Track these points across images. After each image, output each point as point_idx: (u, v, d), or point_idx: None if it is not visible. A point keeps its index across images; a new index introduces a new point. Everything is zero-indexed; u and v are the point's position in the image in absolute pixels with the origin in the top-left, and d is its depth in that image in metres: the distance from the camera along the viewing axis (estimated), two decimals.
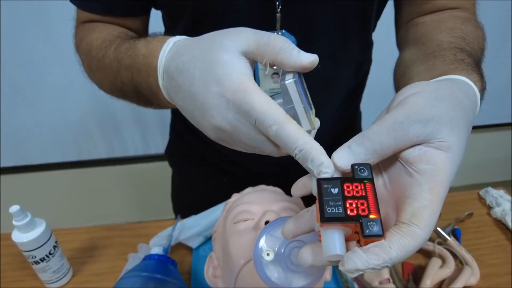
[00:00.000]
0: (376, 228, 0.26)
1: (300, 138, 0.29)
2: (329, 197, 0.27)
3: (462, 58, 0.41)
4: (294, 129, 0.29)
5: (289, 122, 0.30)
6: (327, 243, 0.28)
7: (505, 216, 0.72)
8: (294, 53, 0.31)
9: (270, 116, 0.29)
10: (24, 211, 0.58)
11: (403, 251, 0.26)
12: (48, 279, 0.63)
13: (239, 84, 0.30)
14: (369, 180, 0.28)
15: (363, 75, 0.72)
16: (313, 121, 0.33)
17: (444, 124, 0.29)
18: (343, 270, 0.26)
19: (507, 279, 0.63)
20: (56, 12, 1.29)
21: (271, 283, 0.35)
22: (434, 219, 0.27)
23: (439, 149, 0.29)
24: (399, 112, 0.29)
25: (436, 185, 0.28)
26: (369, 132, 0.29)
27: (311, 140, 0.29)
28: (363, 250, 0.26)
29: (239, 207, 0.54)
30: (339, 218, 0.27)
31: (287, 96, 0.32)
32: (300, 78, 0.33)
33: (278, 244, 0.36)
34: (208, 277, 0.56)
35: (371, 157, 0.29)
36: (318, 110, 0.67)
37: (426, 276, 0.60)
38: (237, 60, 0.32)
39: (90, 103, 1.51)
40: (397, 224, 0.28)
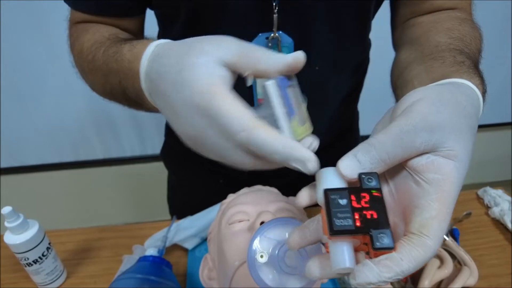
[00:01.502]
0: (387, 240, 0.26)
1: (274, 141, 0.28)
2: (338, 209, 0.27)
3: (462, 60, 0.40)
4: (265, 133, 0.28)
5: (260, 127, 0.28)
6: (336, 256, 0.27)
7: (504, 216, 0.71)
8: (273, 56, 0.30)
9: (237, 122, 0.28)
10: (17, 212, 0.57)
11: (414, 263, 0.26)
12: (42, 281, 0.62)
13: (209, 86, 0.29)
14: (377, 190, 0.27)
15: (361, 75, 0.72)
16: (299, 131, 0.30)
17: (450, 132, 0.29)
18: (354, 284, 0.26)
19: (506, 279, 0.62)
20: (53, 14, 1.28)
21: (265, 285, 0.35)
22: (443, 229, 0.27)
23: (447, 157, 0.28)
24: (405, 121, 0.29)
25: (445, 195, 0.27)
26: (375, 141, 0.28)
27: (286, 140, 0.28)
28: (374, 263, 0.26)
29: (234, 208, 0.53)
30: (349, 231, 0.26)
31: (267, 100, 0.30)
32: (288, 83, 0.31)
33: (272, 246, 0.36)
34: (203, 279, 0.55)
35: (377, 166, 0.28)
36: (317, 111, 0.67)
37: (424, 277, 0.59)
38: (212, 64, 0.30)
39: (87, 104, 1.50)
40: (406, 235, 0.27)
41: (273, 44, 0.55)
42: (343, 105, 0.70)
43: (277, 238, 0.36)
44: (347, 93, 0.69)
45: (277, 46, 0.56)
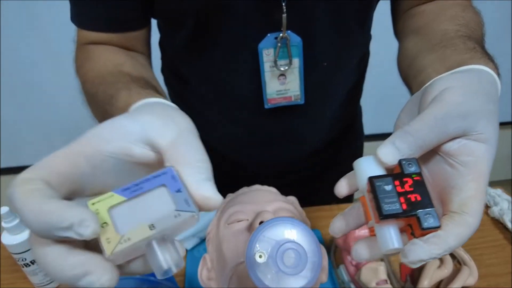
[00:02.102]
0: (433, 220, 0.28)
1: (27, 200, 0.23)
2: (384, 195, 0.28)
3: (473, 46, 0.41)
4: (25, 194, 0.23)
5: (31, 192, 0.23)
6: (384, 238, 0.29)
7: (503, 215, 0.71)
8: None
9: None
10: (13, 213, 0.57)
11: (459, 239, 0.28)
12: (39, 282, 0.62)
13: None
14: (417, 174, 0.29)
15: (363, 68, 0.73)
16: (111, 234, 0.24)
17: (481, 117, 0.30)
18: (406, 262, 0.28)
19: (505, 279, 0.62)
20: (49, 14, 1.28)
21: (264, 285, 0.34)
22: (482, 208, 0.29)
23: (478, 141, 0.30)
24: (438, 108, 0.30)
25: (480, 175, 0.29)
26: (411, 128, 0.30)
27: (51, 205, 0.22)
28: (423, 241, 0.28)
29: (233, 207, 0.53)
30: (397, 214, 0.28)
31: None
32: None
33: (271, 246, 0.35)
34: (201, 279, 0.55)
35: (415, 152, 0.30)
36: (324, 106, 0.67)
37: (424, 277, 0.59)
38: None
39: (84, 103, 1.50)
40: (446, 214, 0.29)
41: (282, 44, 0.56)
42: (347, 99, 0.71)
43: (276, 238, 0.36)
44: (351, 87, 0.70)
45: (286, 46, 0.56)
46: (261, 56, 0.57)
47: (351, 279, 0.61)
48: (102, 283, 0.22)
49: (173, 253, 0.25)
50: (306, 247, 0.35)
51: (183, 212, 0.25)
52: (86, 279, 0.22)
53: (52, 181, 0.24)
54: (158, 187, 0.26)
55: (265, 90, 0.61)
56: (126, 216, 0.25)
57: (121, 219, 0.24)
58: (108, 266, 0.23)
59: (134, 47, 0.58)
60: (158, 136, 0.27)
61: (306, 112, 0.66)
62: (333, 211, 0.76)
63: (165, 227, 0.24)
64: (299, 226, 0.37)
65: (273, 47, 0.56)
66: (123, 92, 0.42)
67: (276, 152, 0.71)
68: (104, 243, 0.23)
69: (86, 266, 0.22)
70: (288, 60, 0.58)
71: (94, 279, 0.22)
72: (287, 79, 0.60)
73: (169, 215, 0.25)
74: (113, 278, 0.23)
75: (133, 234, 0.24)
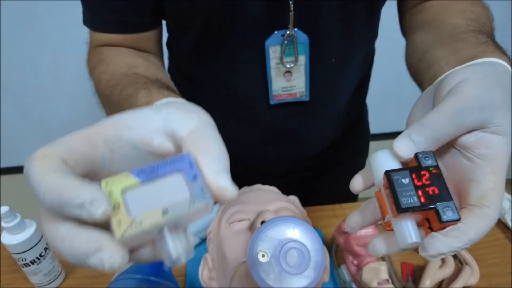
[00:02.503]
0: (452, 213, 0.27)
1: (43, 176, 0.23)
2: (402, 188, 0.28)
3: (485, 40, 0.41)
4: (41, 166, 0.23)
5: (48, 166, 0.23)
6: (402, 232, 0.28)
7: (504, 215, 0.71)
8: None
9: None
10: (13, 213, 0.56)
11: (479, 232, 0.27)
12: (39, 282, 0.62)
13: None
14: (435, 167, 0.29)
15: (369, 65, 0.73)
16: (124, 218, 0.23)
17: (498, 109, 0.30)
18: (426, 255, 0.27)
19: (507, 278, 0.62)
20: (49, 14, 1.28)
21: (267, 285, 0.34)
22: (501, 200, 0.29)
23: (495, 133, 0.30)
24: (456, 101, 0.30)
25: (498, 167, 0.29)
26: (427, 121, 0.29)
27: (65, 182, 0.22)
28: (443, 235, 0.27)
29: (234, 207, 0.52)
30: (416, 207, 0.27)
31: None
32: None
33: (274, 245, 0.35)
34: (202, 279, 0.55)
35: (431, 145, 0.29)
36: (331, 103, 0.67)
37: (426, 277, 0.59)
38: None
39: (84, 104, 1.50)
40: (465, 207, 0.29)
41: (289, 41, 0.56)
42: (353, 97, 0.71)
43: (279, 237, 0.35)
44: (357, 85, 0.70)
45: (293, 43, 0.57)
46: (268, 53, 0.58)
47: (353, 279, 0.61)
48: (113, 262, 0.21)
49: (184, 242, 0.24)
50: (309, 246, 0.35)
51: (198, 200, 0.24)
52: (97, 256, 0.21)
53: (68, 159, 0.24)
54: (174, 173, 0.25)
55: (270, 86, 0.61)
56: (140, 199, 0.24)
57: (134, 202, 0.24)
58: (120, 245, 0.22)
59: (146, 48, 0.58)
60: (179, 126, 0.27)
61: (312, 109, 0.66)
62: (336, 210, 0.76)
63: (179, 214, 0.24)
64: (302, 225, 0.37)
65: (280, 44, 0.57)
66: (143, 92, 0.42)
67: (282, 150, 0.71)
68: (115, 225, 0.23)
69: (98, 242, 0.22)
70: (294, 57, 0.58)
71: (106, 257, 0.21)
72: (293, 76, 0.61)
73: (184, 202, 0.24)
74: (124, 258, 0.22)
75: (145, 218, 0.23)
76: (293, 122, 0.67)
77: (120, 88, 0.47)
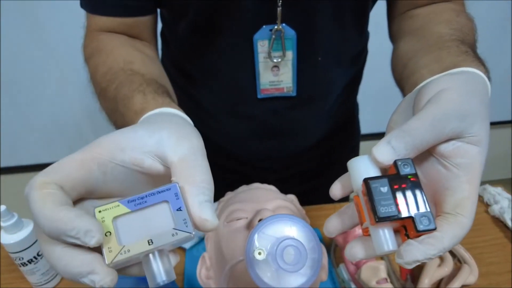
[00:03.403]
0: (428, 222, 0.27)
1: (43, 206, 0.25)
2: (380, 197, 0.28)
3: (465, 50, 0.42)
4: (42, 199, 0.25)
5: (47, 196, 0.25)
6: (379, 240, 0.29)
7: (503, 213, 0.71)
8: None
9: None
10: (11, 212, 0.56)
11: (454, 240, 0.28)
12: (37, 281, 0.61)
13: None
14: (413, 175, 0.29)
15: (360, 65, 0.73)
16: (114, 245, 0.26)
17: (476, 119, 0.30)
18: (402, 262, 0.28)
19: (506, 277, 0.62)
20: (48, 14, 1.28)
21: (264, 283, 0.34)
22: (475, 209, 0.29)
23: (471, 143, 0.30)
24: (437, 109, 0.30)
25: (473, 177, 0.30)
26: (408, 127, 0.29)
27: (63, 213, 0.24)
28: (419, 242, 0.28)
29: (232, 205, 0.52)
30: (393, 216, 0.28)
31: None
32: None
33: (270, 243, 0.35)
34: (200, 278, 0.54)
35: (411, 152, 0.29)
36: (320, 101, 0.67)
37: (424, 275, 0.59)
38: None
39: (82, 103, 1.50)
40: (440, 215, 0.29)
41: (276, 36, 0.57)
42: (343, 95, 0.72)
43: (276, 235, 0.35)
44: (347, 83, 0.71)
45: (280, 38, 0.57)
46: (256, 47, 0.58)
47: (351, 278, 0.61)
48: (103, 283, 0.25)
49: (166, 264, 0.27)
50: (306, 244, 0.35)
51: (181, 232, 0.27)
52: (90, 277, 0.25)
53: (65, 186, 0.26)
54: (161, 203, 0.28)
55: (258, 80, 0.62)
56: (129, 227, 0.27)
57: (123, 230, 0.27)
58: (109, 269, 0.25)
59: (141, 34, 0.58)
60: (170, 151, 0.29)
61: (299, 105, 0.66)
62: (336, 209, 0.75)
63: (162, 244, 0.27)
64: (299, 223, 0.37)
65: (268, 39, 0.57)
66: (138, 95, 0.43)
67: (271, 145, 0.72)
68: (106, 252, 0.26)
69: (91, 266, 0.25)
70: (282, 52, 0.59)
71: (97, 279, 0.25)
72: (280, 71, 0.61)
73: (168, 232, 0.27)
74: (114, 280, 0.25)
75: (132, 247, 0.26)
76: (281, 117, 0.68)
77: (116, 84, 0.47)
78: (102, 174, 0.28)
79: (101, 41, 0.55)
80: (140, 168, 0.29)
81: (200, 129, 0.33)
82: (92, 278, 0.25)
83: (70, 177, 0.26)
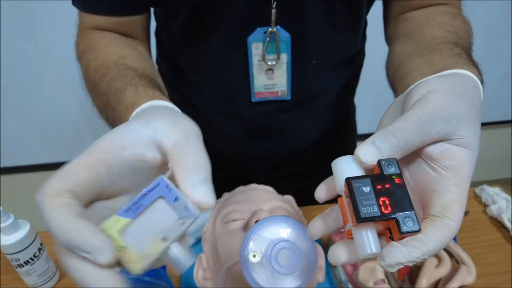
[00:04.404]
0: (412, 223, 0.26)
1: (60, 222, 0.25)
2: (362, 197, 0.27)
3: (459, 52, 0.41)
4: (57, 211, 0.26)
5: (60, 206, 0.26)
6: (362, 243, 0.28)
7: (501, 214, 0.71)
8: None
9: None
10: (7, 213, 0.56)
11: (439, 243, 0.27)
12: (34, 282, 0.61)
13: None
14: (397, 176, 0.28)
15: (356, 68, 0.72)
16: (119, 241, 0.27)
17: (464, 121, 0.30)
18: (384, 265, 0.27)
19: (504, 277, 0.62)
20: (46, 14, 1.28)
21: (258, 285, 0.34)
22: (463, 212, 0.28)
23: (460, 146, 0.30)
24: (423, 110, 0.29)
25: (462, 179, 0.29)
26: (393, 128, 0.29)
27: (80, 226, 0.25)
28: (402, 244, 0.27)
29: (229, 206, 0.52)
30: (375, 217, 0.27)
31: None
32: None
33: (265, 245, 0.35)
34: (197, 279, 0.54)
35: (395, 154, 0.29)
36: (314, 103, 0.67)
37: (422, 276, 0.59)
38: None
39: (80, 103, 1.49)
40: (427, 218, 0.29)
41: (271, 38, 0.56)
42: (338, 98, 0.71)
43: (271, 237, 0.35)
44: (342, 86, 0.70)
45: (274, 41, 0.56)
46: (250, 50, 0.58)
47: (349, 279, 0.61)
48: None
49: (186, 249, 0.28)
50: (301, 246, 0.35)
51: (186, 219, 0.27)
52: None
53: (77, 192, 0.26)
54: (156, 200, 0.28)
55: (252, 83, 0.61)
56: (138, 234, 0.27)
57: (134, 239, 0.27)
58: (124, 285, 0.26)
59: (134, 33, 0.58)
60: (164, 138, 0.29)
61: (294, 108, 0.66)
62: None
63: (175, 235, 0.27)
64: (294, 225, 0.36)
65: (262, 41, 0.57)
66: (130, 89, 0.43)
67: (265, 146, 0.72)
68: (128, 263, 0.27)
69: (105, 283, 0.25)
70: (276, 55, 0.58)
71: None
72: (275, 74, 0.61)
73: (175, 224, 0.27)
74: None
75: (150, 250, 0.27)
76: (275, 120, 0.67)
77: (108, 78, 0.47)
78: (109, 174, 0.28)
79: (93, 39, 0.55)
80: (143, 162, 0.29)
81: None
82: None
83: (80, 182, 0.27)
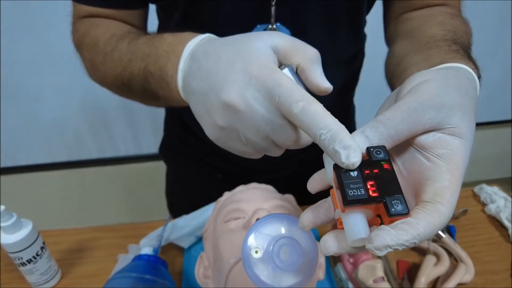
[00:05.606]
0: (401, 206, 0.26)
1: (328, 117, 0.28)
2: (350, 181, 0.27)
3: (456, 49, 0.42)
4: (321, 108, 0.29)
5: (316, 102, 0.29)
6: (351, 228, 0.27)
7: (500, 213, 0.72)
8: (318, 71, 0.34)
9: (297, 93, 0.29)
10: (9, 212, 0.56)
11: (430, 227, 0.27)
12: (36, 281, 0.62)
13: (266, 64, 0.31)
14: (386, 161, 0.28)
15: (356, 68, 0.73)
16: None
17: (456, 111, 0.30)
18: (372, 247, 0.26)
19: (502, 276, 0.62)
20: (47, 13, 1.28)
21: (261, 282, 0.34)
22: (455, 199, 0.28)
23: (453, 135, 0.30)
24: (412, 99, 0.30)
25: (455, 167, 0.29)
26: (383, 117, 0.29)
27: (338, 122, 0.28)
28: (391, 227, 0.26)
29: (230, 205, 0.53)
30: (362, 200, 0.26)
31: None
32: (300, 80, 0.34)
33: (267, 242, 0.35)
34: (199, 278, 0.55)
35: (385, 142, 0.29)
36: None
37: (421, 274, 0.59)
38: (268, 49, 0.33)
39: (80, 103, 1.49)
40: (419, 204, 0.28)
41: None
42: (337, 97, 0.71)
43: (272, 233, 0.36)
44: (341, 85, 0.70)
45: None
46: None
47: (349, 277, 0.61)
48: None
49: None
50: (302, 243, 0.36)
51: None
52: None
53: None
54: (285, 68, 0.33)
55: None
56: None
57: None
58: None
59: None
60: (278, 41, 0.34)
61: None
62: None
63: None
64: (295, 223, 0.37)
65: None
66: (168, 34, 0.42)
67: None
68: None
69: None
70: None
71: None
72: None
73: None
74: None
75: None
76: None
77: (129, 39, 0.47)
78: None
79: (94, 20, 0.54)
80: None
81: (193, 127, 0.34)
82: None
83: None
